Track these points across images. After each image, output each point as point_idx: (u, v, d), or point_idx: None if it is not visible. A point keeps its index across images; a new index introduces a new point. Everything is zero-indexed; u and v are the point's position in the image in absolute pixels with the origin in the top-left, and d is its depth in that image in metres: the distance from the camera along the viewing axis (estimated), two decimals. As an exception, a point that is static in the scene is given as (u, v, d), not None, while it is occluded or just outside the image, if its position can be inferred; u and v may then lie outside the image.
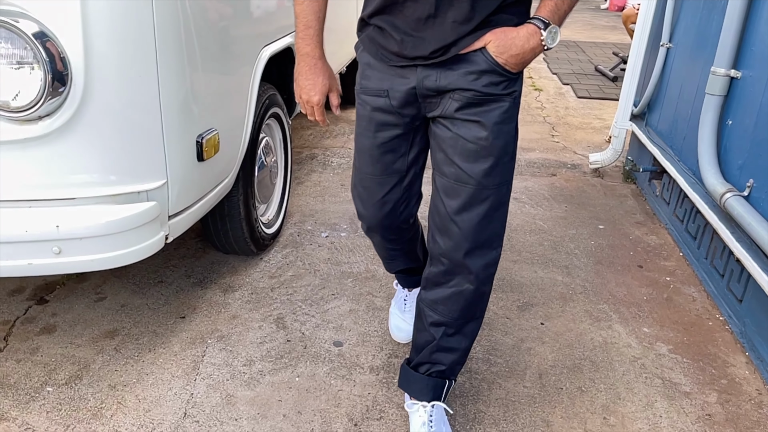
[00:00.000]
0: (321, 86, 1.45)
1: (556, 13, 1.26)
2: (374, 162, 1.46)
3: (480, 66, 1.27)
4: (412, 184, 1.53)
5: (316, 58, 1.43)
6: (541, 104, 5.01)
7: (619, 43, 7.63)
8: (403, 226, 1.60)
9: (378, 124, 1.42)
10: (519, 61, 1.26)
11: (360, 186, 1.54)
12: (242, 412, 1.65)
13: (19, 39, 1.34)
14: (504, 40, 1.24)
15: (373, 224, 1.58)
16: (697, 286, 2.37)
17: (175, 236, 1.70)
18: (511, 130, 1.35)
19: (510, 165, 1.38)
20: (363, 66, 1.42)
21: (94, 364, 1.81)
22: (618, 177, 3.47)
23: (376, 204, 1.52)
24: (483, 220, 1.37)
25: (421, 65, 1.30)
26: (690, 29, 2.74)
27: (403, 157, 1.46)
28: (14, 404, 1.65)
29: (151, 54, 1.50)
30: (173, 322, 2.02)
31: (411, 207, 1.58)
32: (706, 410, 1.74)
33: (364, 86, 1.42)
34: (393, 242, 1.66)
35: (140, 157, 1.54)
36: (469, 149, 1.33)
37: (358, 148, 1.49)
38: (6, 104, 1.38)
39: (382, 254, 1.79)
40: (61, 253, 1.42)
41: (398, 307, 1.99)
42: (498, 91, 1.29)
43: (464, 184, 1.35)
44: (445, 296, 1.46)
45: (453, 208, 1.38)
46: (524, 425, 1.65)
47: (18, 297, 2.11)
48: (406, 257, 1.77)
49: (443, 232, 1.41)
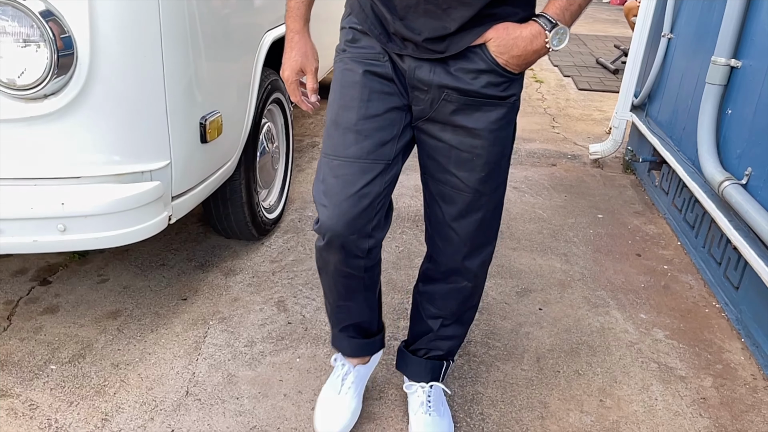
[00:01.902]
0: (291, 62, 1.31)
1: (567, 11, 1.12)
2: (360, 140, 1.22)
3: (478, 65, 1.16)
4: (392, 183, 1.29)
5: (293, 32, 1.31)
6: (542, 96, 5.01)
7: (621, 36, 7.63)
8: (373, 239, 1.30)
9: (372, 90, 1.22)
10: (521, 62, 1.16)
11: (331, 177, 1.24)
12: (243, 391, 1.68)
13: (26, 17, 1.35)
14: (506, 40, 1.13)
15: (338, 231, 1.24)
16: (695, 274, 2.39)
17: (178, 217, 1.71)
18: (508, 134, 1.27)
19: (506, 166, 1.32)
20: (350, 31, 1.25)
21: (96, 343, 1.83)
22: (617, 168, 3.49)
23: (350, 198, 1.22)
24: (481, 225, 1.34)
25: (413, 56, 1.18)
26: (691, 19, 2.75)
27: (393, 142, 1.25)
28: (18, 381, 1.67)
29: (156, 35, 1.51)
30: (175, 303, 2.04)
31: (384, 215, 1.31)
32: (701, 394, 1.76)
33: (354, 51, 1.24)
34: (355, 267, 1.33)
35: (144, 137, 1.56)
36: (463, 158, 1.24)
37: (337, 124, 1.25)
38: (12, 82, 1.40)
39: (335, 294, 1.43)
40: (66, 230, 1.44)
41: (333, 388, 1.57)
42: (497, 92, 1.19)
43: (460, 192, 1.29)
44: (443, 292, 1.47)
45: (450, 215, 1.33)
46: (522, 406, 1.68)
47: (21, 278, 2.13)
48: (365, 300, 1.44)
49: (441, 236, 1.38)
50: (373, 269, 1.39)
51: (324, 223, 1.25)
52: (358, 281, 1.38)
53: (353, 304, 1.44)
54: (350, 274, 1.35)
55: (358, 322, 1.49)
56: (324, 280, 1.43)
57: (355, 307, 1.45)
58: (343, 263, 1.31)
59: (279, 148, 2.58)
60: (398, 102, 1.24)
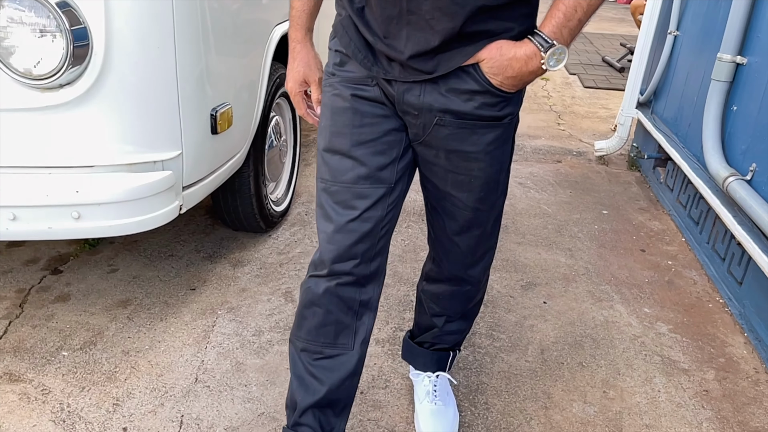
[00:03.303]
0: (294, 72, 1.26)
1: (564, 27, 1.02)
2: (356, 166, 1.15)
3: (471, 85, 1.08)
4: (397, 206, 1.22)
5: (294, 42, 1.26)
6: (548, 93, 5.03)
7: (627, 34, 7.62)
8: (375, 262, 1.21)
9: (364, 115, 1.15)
10: (517, 82, 1.08)
11: (331, 202, 1.17)
12: (252, 378, 1.70)
13: (43, 8, 1.38)
14: (499, 61, 1.05)
15: (341, 257, 1.17)
16: (698, 270, 2.40)
17: (189, 207, 1.74)
18: (506, 151, 1.22)
19: (505, 179, 1.27)
20: (337, 54, 1.18)
21: (107, 331, 1.86)
22: (623, 164, 3.50)
23: (352, 224, 1.16)
24: (482, 238, 1.33)
25: (400, 81, 1.10)
26: (697, 17, 2.76)
27: (393, 165, 1.18)
28: (31, 367, 1.70)
29: (169, 27, 1.54)
30: (184, 293, 2.07)
31: (387, 242, 1.23)
32: (704, 386, 1.78)
33: (342, 75, 1.16)
34: (351, 299, 1.21)
35: (157, 127, 1.58)
36: (460, 181, 1.20)
37: (331, 151, 1.17)
38: (28, 71, 1.42)
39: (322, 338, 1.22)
40: (80, 218, 1.46)
41: None
42: (493, 113, 1.12)
43: (460, 210, 1.26)
44: (446, 294, 1.47)
45: (452, 229, 1.30)
46: (526, 397, 1.70)
47: (33, 267, 2.16)
48: (353, 354, 1.24)
49: (443, 246, 1.37)
50: (367, 310, 1.25)
51: (324, 249, 1.19)
52: (350, 319, 1.22)
53: (340, 353, 1.23)
54: (344, 308, 1.21)
55: (333, 396, 1.24)
56: (306, 326, 1.23)
57: (338, 363, 1.23)
58: (339, 290, 1.19)
59: (287, 141, 2.60)
60: (395, 123, 1.16)
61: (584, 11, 1.02)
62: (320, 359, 1.23)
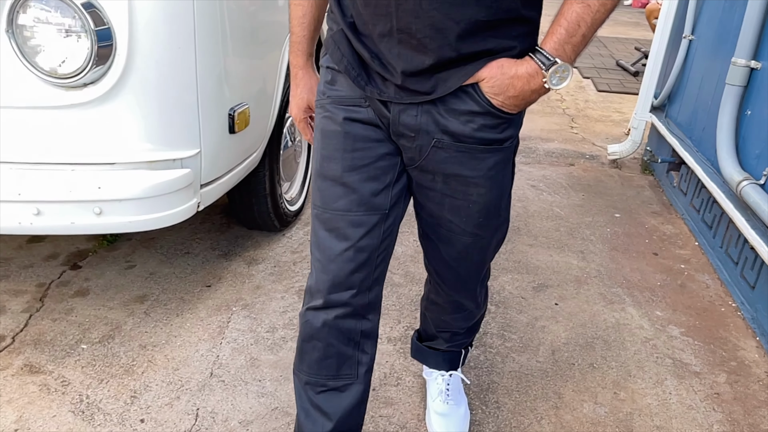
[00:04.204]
0: (297, 99, 1.24)
1: (567, 44, 0.96)
2: (349, 193, 1.10)
3: (471, 106, 1.02)
4: (393, 229, 1.17)
5: (297, 68, 1.23)
6: (561, 96, 5.02)
7: (642, 38, 7.59)
8: (372, 292, 1.17)
9: (356, 139, 1.09)
10: (519, 102, 1.02)
11: (323, 229, 1.13)
12: (266, 374, 1.73)
13: (69, 8, 1.42)
14: (500, 80, 0.99)
15: (337, 287, 1.13)
16: (711, 274, 2.40)
17: (206, 204, 1.77)
18: (506, 175, 1.16)
19: (507, 204, 1.21)
20: (328, 72, 1.12)
21: (125, 325, 1.90)
22: (636, 168, 3.50)
23: (346, 253, 1.11)
24: (482, 262, 1.29)
25: (396, 102, 1.04)
26: (712, 21, 2.76)
27: (387, 190, 1.12)
28: (51, 359, 1.74)
29: (190, 29, 1.58)
30: (199, 290, 2.10)
31: (384, 269, 1.19)
32: (715, 389, 1.78)
33: (333, 95, 1.10)
34: (351, 331, 1.17)
35: (176, 126, 1.62)
36: (458, 206, 1.14)
37: (323, 176, 1.12)
38: (54, 70, 1.46)
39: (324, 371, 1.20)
40: (102, 213, 1.50)
41: None
42: (494, 135, 1.05)
43: (456, 235, 1.19)
44: (448, 315, 1.46)
45: (449, 256, 1.25)
46: (536, 396, 1.71)
47: (53, 262, 2.21)
48: (356, 393, 1.22)
49: (438, 275, 1.33)
50: (368, 341, 1.21)
51: (319, 278, 1.14)
52: (353, 350, 1.19)
53: (344, 384, 1.21)
54: (345, 339, 1.18)
55: (342, 428, 1.22)
56: (308, 360, 1.20)
57: (343, 394, 1.21)
58: (338, 323, 1.16)
59: (301, 142, 2.63)
60: (388, 148, 1.10)
61: (588, 26, 0.95)
62: (324, 392, 1.21)
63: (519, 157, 3.54)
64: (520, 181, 3.19)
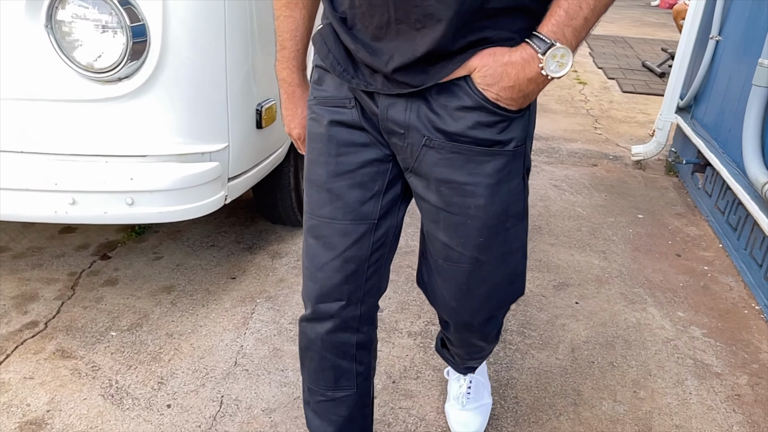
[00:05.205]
0: (300, 118, 1.16)
1: (567, 26, 0.87)
2: (333, 200, 1.05)
3: (464, 100, 0.92)
4: (385, 240, 1.10)
5: (293, 85, 1.13)
6: (585, 97, 5.00)
7: (669, 39, 7.51)
8: (366, 304, 1.12)
9: (340, 144, 1.03)
10: (516, 95, 0.91)
11: (311, 237, 1.09)
12: (288, 364, 1.77)
13: (105, 5, 1.47)
14: (493, 68, 0.89)
15: (324, 297, 1.09)
16: (735, 276, 2.38)
17: (233, 198, 1.81)
18: (513, 188, 1.01)
19: (518, 229, 1.05)
20: (316, 70, 1.06)
21: (152, 314, 1.95)
22: (660, 169, 3.47)
23: (333, 262, 1.07)
24: (488, 299, 1.11)
25: (384, 93, 0.95)
26: (739, 22, 2.74)
27: (375, 199, 1.05)
28: (81, 345, 1.80)
29: (221, 27, 1.62)
30: (224, 282, 2.15)
31: (378, 281, 1.13)
32: (736, 391, 1.77)
33: (319, 96, 1.04)
34: (345, 344, 1.15)
35: (206, 120, 1.66)
36: (455, 222, 1.01)
37: (309, 181, 1.08)
38: (90, 65, 1.52)
39: (322, 381, 1.19)
40: (134, 204, 1.55)
41: None
42: (492, 135, 0.95)
43: (456, 264, 1.06)
44: (459, 346, 1.39)
45: (449, 292, 1.11)
46: (555, 393, 1.72)
47: (84, 252, 2.28)
48: (357, 400, 1.21)
49: (442, 308, 1.19)
50: (364, 351, 1.18)
51: (308, 286, 1.11)
52: (349, 363, 1.17)
53: (343, 396, 1.20)
54: (340, 352, 1.15)
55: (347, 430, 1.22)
56: (308, 368, 1.20)
57: (343, 404, 1.21)
58: (331, 337, 1.13)
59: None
60: (376, 154, 1.03)
61: (591, 9, 0.86)
62: (324, 401, 1.21)
63: (541, 157, 3.53)
64: (542, 180, 3.19)
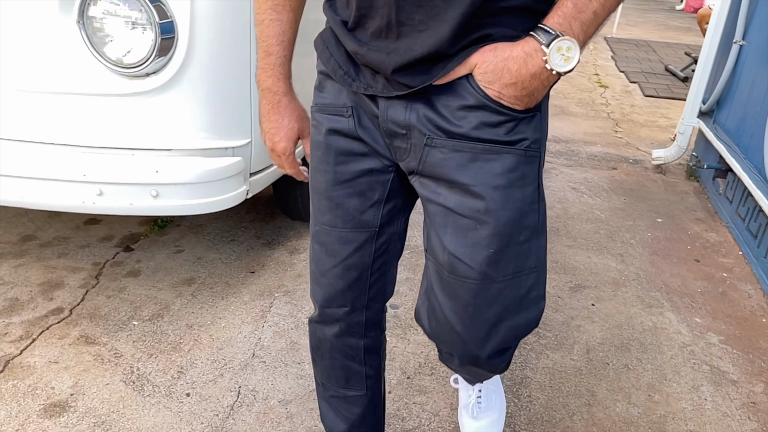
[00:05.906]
0: (287, 130, 1.08)
1: (575, 19, 0.81)
2: (333, 208, 1.04)
3: (466, 99, 0.88)
4: (388, 247, 1.09)
5: (279, 95, 1.07)
6: (606, 101, 4.97)
7: (693, 44, 7.42)
8: (371, 311, 1.13)
9: (338, 153, 1.01)
10: (519, 92, 0.85)
11: (315, 242, 1.09)
12: (305, 357, 1.80)
13: (135, 2, 1.51)
14: (493, 64, 0.84)
15: (329, 302, 1.11)
16: (754, 284, 2.36)
17: (254, 193, 1.85)
18: (526, 196, 0.93)
19: (533, 245, 0.97)
20: (318, 76, 1.05)
21: (173, 305, 1.99)
22: (681, 174, 3.45)
23: (335, 269, 1.08)
24: (497, 327, 1.00)
25: (384, 96, 0.92)
26: (763, 27, 2.71)
27: (376, 208, 1.04)
28: (105, 332, 1.85)
29: (247, 25, 1.65)
30: (244, 275, 2.18)
31: (382, 287, 1.13)
32: (752, 398, 1.76)
33: (319, 102, 1.03)
34: (353, 347, 1.16)
35: (230, 116, 1.70)
36: (464, 226, 0.94)
37: (312, 188, 1.08)
38: (119, 60, 1.56)
39: (333, 380, 1.22)
40: (158, 196, 1.59)
41: None
42: (497, 137, 0.89)
43: (462, 279, 0.96)
44: (463, 373, 1.33)
45: (454, 315, 1.01)
46: (569, 393, 1.73)
47: (107, 243, 2.33)
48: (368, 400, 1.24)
49: (445, 338, 1.08)
50: (373, 355, 1.19)
51: (314, 289, 1.12)
52: (358, 366, 1.19)
53: (354, 395, 1.22)
54: (349, 355, 1.17)
55: (359, 429, 1.25)
56: (319, 365, 1.23)
57: (355, 403, 1.23)
58: (339, 341, 1.15)
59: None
60: (374, 164, 1.01)
61: (601, 3, 0.81)
62: (335, 398, 1.24)
63: (560, 159, 3.53)
64: (561, 183, 3.19)
